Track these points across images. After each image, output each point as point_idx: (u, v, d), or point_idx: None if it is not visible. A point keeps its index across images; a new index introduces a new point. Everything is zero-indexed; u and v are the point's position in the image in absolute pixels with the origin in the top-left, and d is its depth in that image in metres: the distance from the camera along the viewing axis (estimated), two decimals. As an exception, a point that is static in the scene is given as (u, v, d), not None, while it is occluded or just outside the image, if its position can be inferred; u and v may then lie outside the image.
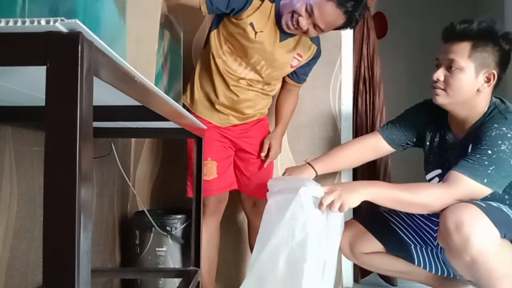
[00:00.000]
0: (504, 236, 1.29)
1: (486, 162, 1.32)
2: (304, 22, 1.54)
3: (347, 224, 1.58)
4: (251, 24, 1.60)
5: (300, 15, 1.53)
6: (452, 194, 1.33)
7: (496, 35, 1.41)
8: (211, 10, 1.56)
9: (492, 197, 1.36)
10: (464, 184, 1.32)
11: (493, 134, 1.35)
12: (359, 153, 1.71)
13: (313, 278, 1.29)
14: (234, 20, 1.61)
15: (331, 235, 1.34)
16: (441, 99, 1.46)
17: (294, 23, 1.55)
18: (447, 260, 1.42)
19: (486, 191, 1.33)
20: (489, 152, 1.33)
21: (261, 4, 1.60)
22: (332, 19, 1.53)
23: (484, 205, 1.30)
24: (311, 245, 1.30)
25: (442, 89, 1.45)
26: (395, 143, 1.68)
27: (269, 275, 1.33)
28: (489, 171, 1.32)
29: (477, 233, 1.24)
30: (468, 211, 1.28)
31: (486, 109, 1.45)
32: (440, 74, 1.44)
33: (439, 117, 1.57)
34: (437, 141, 1.59)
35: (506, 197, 1.40)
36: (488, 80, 1.42)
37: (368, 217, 1.74)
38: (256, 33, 1.61)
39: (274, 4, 1.62)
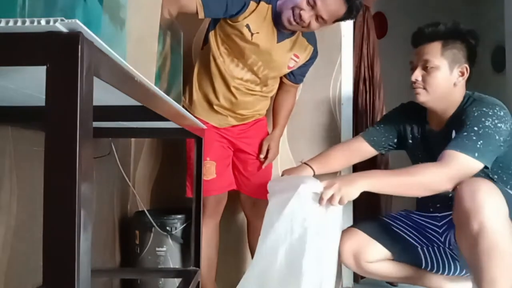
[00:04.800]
0: (509, 216, 1.30)
1: (474, 138, 1.39)
2: (306, 15, 1.55)
3: (348, 234, 1.57)
4: (247, 26, 1.60)
5: (301, 9, 1.54)
6: (448, 171, 1.37)
7: (462, 32, 1.53)
8: (209, 16, 1.56)
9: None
10: (458, 159, 1.37)
11: (476, 114, 1.44)
12: (346, 156, 1.79)
13: (312, 273, 1.29)
14: (230, 22, 1.61)
15: (331, 229, 1.34)
16: (422, 97, 1.55)
17: (296, 17, 1.56)
18: (454, 245, 1.46)
19: (478, 165, 1.38)
20: (475, 128, 1.41)
21: (257, 6, 1.60)
22: (335, 8, 1.55)
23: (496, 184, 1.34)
24: (311, 240, 1.31)
25: (422, 87, 1.54)
26: (377, 144, 1.76)
27: (269, 270, 1.33)
28: (478, 145, 1.38)
29: (490, 202, 1.27)
30: (485, 183, 1.32)
31: (461, 100, 1.55)
32: (417, 74, 1.54)
33: (418, 115, 1.67)
34: (419, 137, 1.68)
35: (504, 178, 1.48)
36: (462, 74, 1.53)
37: (371, 224, 1.72)
38: (252, 34, 1.62)
39: (270, 5, 1.63)
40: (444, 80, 1.52)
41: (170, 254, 1.86)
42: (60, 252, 0.44)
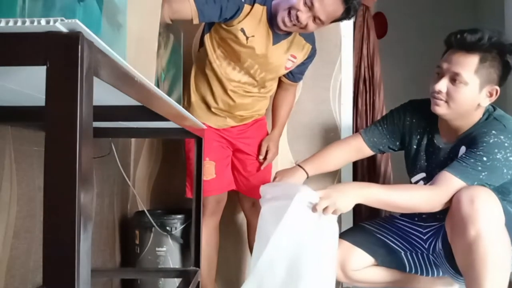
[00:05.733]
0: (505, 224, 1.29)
1: (480, 168, 1.33)
2: (304, 16, 1.52)
3: None
4: (242, 30, 1.59)
5: (298, 10, 1.52)
6: (441, 195, 1.34)
7: (504, 50, 1.36)
8: (203, 21, 1.55)
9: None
10: (454, 185, 1.33)
11: (491, 141, 1.34)
12: (344, 155, 1.72)
13: (312, 281, 1.29)
14: (225, 26, 1.60)
15: (328, 235, 1.34)
16: (441, 110, 1.44)
17: (293, 19, 1.53)
18: (442, 257, 1.44)
19: None
20: (484, 159, 1.33)
21: (251, 9, 1.58)
22: (333, 9, 1.52)
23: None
24: (309, 248, 1.31)
25: (444, 100, 1.42)
26: (375, 146, 1.68)
27: (268, 281, 1.33)
28: (481, 176, 1.33)
29: (488, 209, 1.25)
30: (484, 190, 1.30)
31: (480, 117, 1.45)
32: (443, 85, 1.40)
33: (428, 120, 1.56)
34: (424, 144, 1.58)
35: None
36: (490, 95, 1.40)
37: (353, 232, 1.72)
38: (247, 38, 1.60)
39: (265, 7, 1.61)
40: (470, 98, 1.39)
41: (170, 254, 1.86)
42: (60, 252, 0.44)
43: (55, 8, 0.64)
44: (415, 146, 1.60)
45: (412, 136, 1.61)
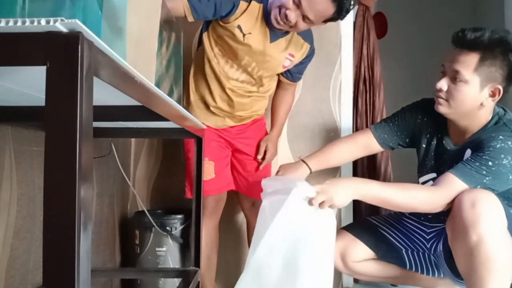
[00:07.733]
0: (507, 228, 1.29)
1: (484, 172, 1.32)
2: (292, 15, 1.51)
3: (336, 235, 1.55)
4: (239, 27, 1.58)
5: (287, 8, 1.51)
6: (441, 196, 1.33)
7: (507, 48, 1.35)
8: (198, 18, 1.54)
9: None
10: (456, 187, 1.32)
11: (498, 146, 1.33)
12: (351, 150, 1.70)
13: (309, 276, 1.29)
14: (222, 23, 1.60)
15: (325, 230, 1.35)
16: (443, 109, 1.44)
17: (282, 17, 1.52)
18: (443, 259, 1.43)
19: None
20: (490, 163, 1.32)
21: (248, 6, 1.58)
22: (322, 8, 1.50)
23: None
24: (306, 242, 1.31)
25: (444, 99, 1.42)
26: (385, 143, 1.66)
27: (264, 274, 1.33)
28: (485, 181, 1.32)
29: (490, 213, 1.25)
30: (486, 193, 1.29)
31: (489, 119, 1.43)
32: (443, 84, 1.41)
33: (438, 120, 1.54)
34: (434, 144, 1.57)
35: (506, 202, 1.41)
36: (493, 95, 1.38)
37: (357, 225, 1.72)
38: (244, 35, 1.60)
39: (262, 4, 1.60)
40: (470, 97, 1.37)
41: (170, 254, 1.86)
42: (60, 252, 0.44)
43: (55, 8, 0.64)
44: (424, 145, 1.59)
45: (422, 135, 1.60)
